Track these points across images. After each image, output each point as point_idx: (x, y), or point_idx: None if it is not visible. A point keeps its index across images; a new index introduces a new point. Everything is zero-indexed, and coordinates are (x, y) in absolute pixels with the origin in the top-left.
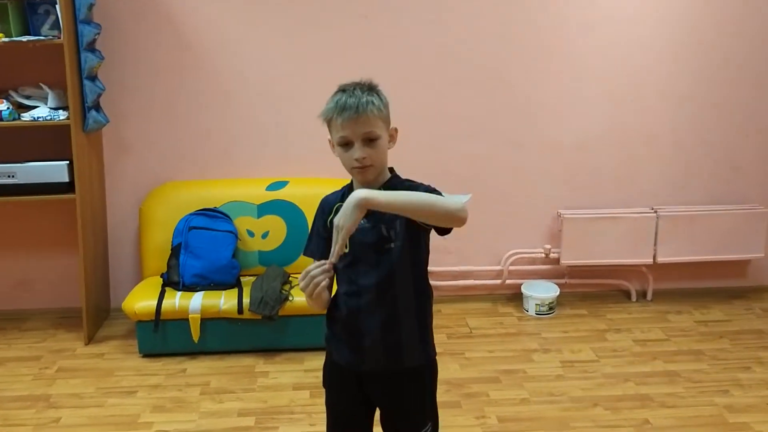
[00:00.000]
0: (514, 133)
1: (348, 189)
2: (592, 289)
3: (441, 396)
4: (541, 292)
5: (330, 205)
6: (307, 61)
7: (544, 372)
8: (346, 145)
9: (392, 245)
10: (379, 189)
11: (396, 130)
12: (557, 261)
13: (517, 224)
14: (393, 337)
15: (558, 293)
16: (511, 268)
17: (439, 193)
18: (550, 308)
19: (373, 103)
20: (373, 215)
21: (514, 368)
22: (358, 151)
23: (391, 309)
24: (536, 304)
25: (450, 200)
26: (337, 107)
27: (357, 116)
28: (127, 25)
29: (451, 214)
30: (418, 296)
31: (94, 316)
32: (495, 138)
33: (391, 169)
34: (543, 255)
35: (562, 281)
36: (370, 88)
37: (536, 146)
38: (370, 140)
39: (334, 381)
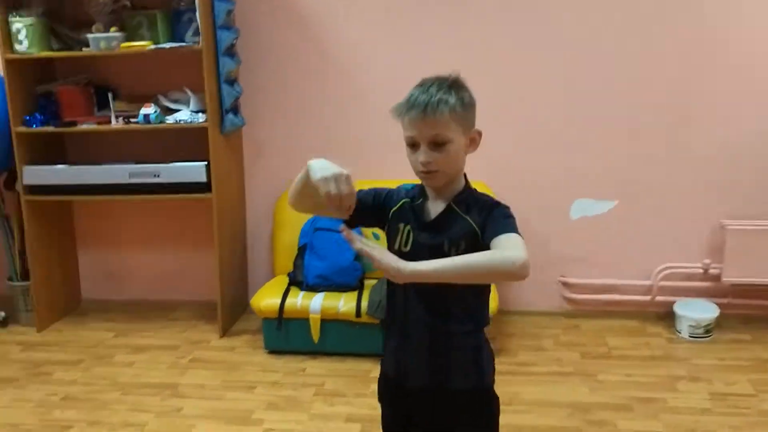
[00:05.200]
0: (670, 136)
1: (420, 188)
2: (758, 312)
3: (561, 420)
4: (696, 312)
5: (400, 196)
6: (441, 68)
7: (688, 404)
8: (412, 146)
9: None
10: (452, 201)
11: (479, 133)
12: (718, 278)
13: (671, 235)
14: (440, 356)
15: (717, 314)
16: (663, 283)
17: (513, 220)
18: (707, 331)
19: (446, 102)
20: (436, 228)
21: (652, 396)
22: (423, 155)
23: (441, 327)
24: (690, 326)
25: (508, 256)
26: (407, 104)
27: (424, 116)
28: (265, 29)
29: (509, 274)
30: (473, 317)
31: (230, 310)
32: (650, 141)
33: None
34: (701, 270)
35: (724, 301)
36: (451, 85)
37: (696, 149)
38: (437, 144)
39: (385, 396)
